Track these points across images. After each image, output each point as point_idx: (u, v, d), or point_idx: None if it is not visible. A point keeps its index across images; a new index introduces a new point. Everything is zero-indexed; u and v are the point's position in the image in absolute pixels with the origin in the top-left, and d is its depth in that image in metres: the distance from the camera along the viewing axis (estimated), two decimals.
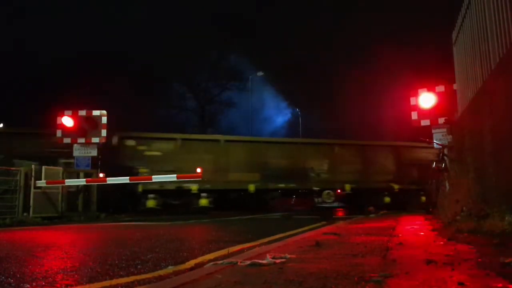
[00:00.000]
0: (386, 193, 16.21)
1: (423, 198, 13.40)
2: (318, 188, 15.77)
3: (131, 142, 13.73)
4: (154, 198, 13.21)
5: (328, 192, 15.86)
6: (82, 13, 33.63)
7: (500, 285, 1.70)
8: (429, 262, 2.32)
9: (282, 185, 15.32)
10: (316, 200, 15.90)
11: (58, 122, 12.07)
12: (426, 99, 9.95)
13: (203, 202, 13.75)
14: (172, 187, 13.24)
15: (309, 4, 40.05)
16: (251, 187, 14.50)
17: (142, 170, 13.35)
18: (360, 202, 15.14)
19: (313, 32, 36.19)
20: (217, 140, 15.16)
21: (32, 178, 9.58)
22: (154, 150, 13.91)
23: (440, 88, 9.90)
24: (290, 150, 15.97)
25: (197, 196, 13.78)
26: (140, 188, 13.00)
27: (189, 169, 11.24)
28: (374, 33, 33.70)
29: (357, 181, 15.88)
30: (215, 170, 14.10)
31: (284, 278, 2.01)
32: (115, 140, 13.46)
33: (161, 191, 13.24)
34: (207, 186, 13.71)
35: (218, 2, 38.12)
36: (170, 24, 36.79)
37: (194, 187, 13.55)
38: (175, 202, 13.69)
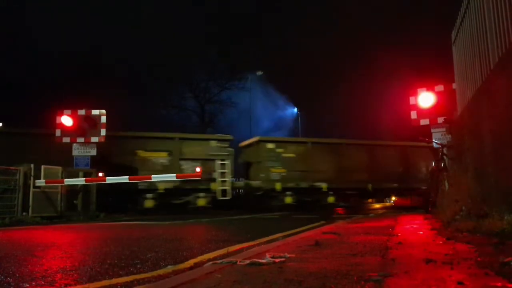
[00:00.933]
0: None
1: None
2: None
3: (271, 145, 15.31)
4: (291, 196, 14.94)
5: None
6: (82, 13, 33.58)
7: (500, 284, 1.70)
8: (428, 261, 2.33)
9: (395, 185, 16.85)
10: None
11: (57, 121, 12.06)
12: (426, 99, 9.95)
13: (331, 199, 15.70)
14: (306, 185, 15.26)
15: (310, 5, 40.09)
16: (369, 186, 16.24)
17: (279, 169, 15.13)
18: None
19: (314, 32, 36.21)
20: (339, 144, 16.77)
21: (31, 178, 9.58)
22: (290, 152, 15.50)
23: (440, 88, 9.90)
24: (398, 152, 17.19)
25: (326, 194, 15.55)
26: (278, 187, 14.82)
27: (317, 169, 15.36)
28: (374, 34, 33.71)
29: None
30: (339, 170, 15.86)
31: (284, 278, 2.01)
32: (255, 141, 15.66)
33: (296, 189, 15.12)
34: (333, 185, 15.52)
35: (219, 2, 38.06)
36: (170, 24, 36.76)
37: (324, 186, 15.39)
38: (308, 199, 15.33)
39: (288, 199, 14.84)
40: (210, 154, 14.34)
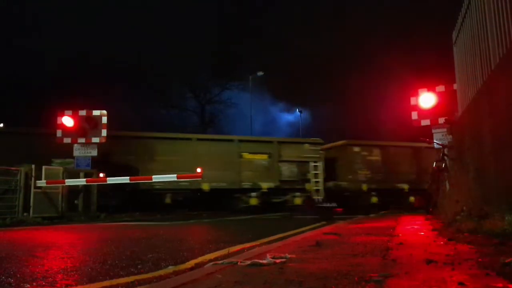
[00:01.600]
0: None
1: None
2: None
3: (357, 149, 16.11)
4: (375, 196, 15.64)
5: None
6: (82, 14, 33.63)
7: (501, 285, 1.70)
8: (429, 262, 2.32)
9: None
10: None
11: (58, 122, 12.06)
12: (426, 99, 9.94)
13: (412, 199, 15.93)
14: (389, 186, 15.91)
15: (311, 6, 40.07)
16: None
17: (364, 171, 15.96)
18: None
19: (315, 32, 36.19)
20: (416, 147, 16.89)
21: (32, 178, 9.58)
22: (374, 155, 16.37)
23: (441, 88, 9.89)
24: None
25: (408, 194, 15.96)
26: (365, 187, 15.58)
27: (396, 170, 16.14)
28: (374, 33, 33.69)
29: None
30: (417, 172, 16.36)
31: (285, 278, 2.01)
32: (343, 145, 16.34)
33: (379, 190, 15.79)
34: (414, 185, 15.93)
35: (221, 4, 38.12)
36: (171, 24, 36.79)
37: (405, 187, 16.02)
38: (390, 199, 15.64)
39: (374, 199, 15.64)
40: (304, 156, 15.41)
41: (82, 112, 12.18)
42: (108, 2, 36.66)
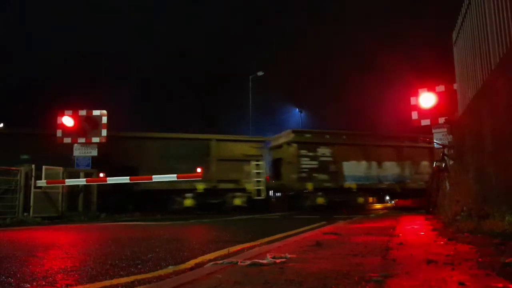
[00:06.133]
0: None
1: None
2: None
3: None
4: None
5: None
6: (82, 14, 33.63)
7: (501, 285, 1.70)
8: (429, 262, 2.32)
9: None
10: None
11: (58, 122, 12.07)
12: (427, 99, 9.95)
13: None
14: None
15: (312, 7, 40.07)
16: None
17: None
18: None
19: (315, 33, 36.19)
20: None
21: (33, 178, 9.58)
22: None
23: (441, 88, 9.89)
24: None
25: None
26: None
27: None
28: (374, 34, 33.68)
29: None
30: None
31: (285, 278, 2.01)
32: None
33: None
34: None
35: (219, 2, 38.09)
36: (171, 25, 36.79)
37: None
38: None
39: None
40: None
41: (82, 112, 12.19)
42: (109, 2, 36.63)
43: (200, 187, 13.79)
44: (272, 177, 16.60)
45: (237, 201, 14.41)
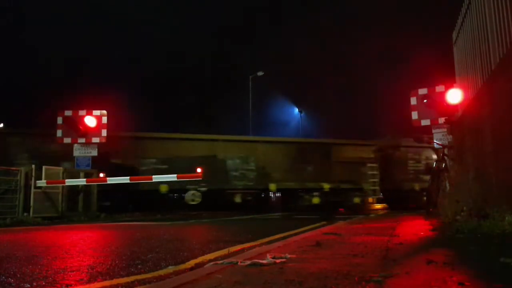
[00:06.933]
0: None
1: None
2: None
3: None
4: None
5: None
6: (83, 15, 33.64)
7: (501, 285, 1.70)
8: (429, 262, 2.32)
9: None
10: None
11: (58, 122, 12.06)
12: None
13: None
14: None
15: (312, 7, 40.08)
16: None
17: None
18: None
19: (315, 33, 36.19)
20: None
21: (33, 178, 9.58)
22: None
23: (440, 88, 9.87)
24: None
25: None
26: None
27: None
28: (374, 34, 33.70)
29: None
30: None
31: (285, 278, 2.01)
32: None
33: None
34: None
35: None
36: (172, 25, 36.82)
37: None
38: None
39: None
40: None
41: (82, 112, 12.19)
42: (110, 3, 36.66)
43: (326, 186, 15.28)
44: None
45: (356, 200, 15.84)
